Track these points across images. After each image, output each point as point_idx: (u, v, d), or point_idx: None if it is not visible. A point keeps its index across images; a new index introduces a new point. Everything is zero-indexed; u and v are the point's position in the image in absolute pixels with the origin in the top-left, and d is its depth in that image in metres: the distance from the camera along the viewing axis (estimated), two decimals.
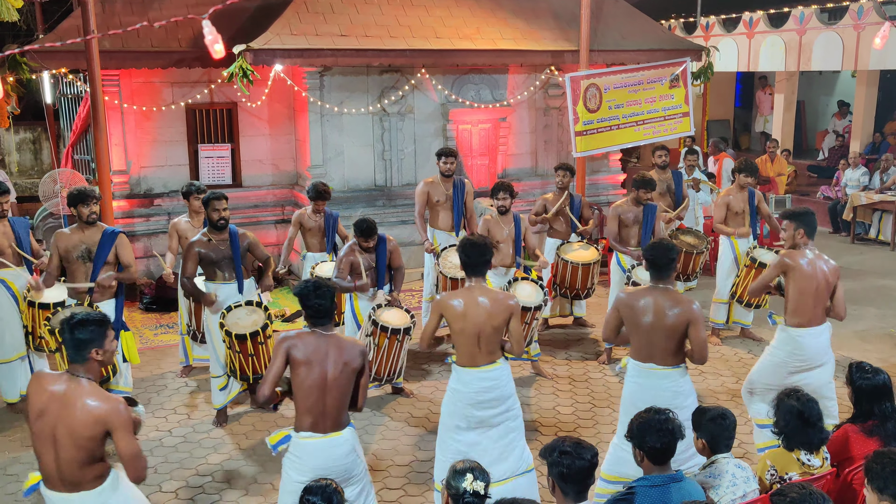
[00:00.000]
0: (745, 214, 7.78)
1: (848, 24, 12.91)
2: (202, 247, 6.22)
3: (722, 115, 18.11)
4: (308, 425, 3.97)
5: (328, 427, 3.98)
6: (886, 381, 4.16)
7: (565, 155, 11.26)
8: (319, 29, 9.49)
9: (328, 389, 3.95)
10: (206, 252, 6.20)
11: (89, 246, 5.94)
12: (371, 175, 10.45)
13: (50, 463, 3.48)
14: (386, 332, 6.03)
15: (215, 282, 6.31)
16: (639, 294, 4.69)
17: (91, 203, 5.96)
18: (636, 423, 3.61)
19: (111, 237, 6.01)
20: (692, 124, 10.54)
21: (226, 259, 6.28)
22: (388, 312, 6.31)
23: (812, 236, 5.35)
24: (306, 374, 3.93)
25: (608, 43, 10.84)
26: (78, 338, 3.47)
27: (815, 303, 5.25)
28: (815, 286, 5.23)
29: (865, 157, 13.81)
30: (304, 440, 3.97)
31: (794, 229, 5.34)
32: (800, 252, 5.30)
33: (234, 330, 5.85)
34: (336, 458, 3.99)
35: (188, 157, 10.22)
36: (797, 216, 5.39)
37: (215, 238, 6.29)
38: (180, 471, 5.67)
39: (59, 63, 9.01)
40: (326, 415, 3.97)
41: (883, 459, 3.18)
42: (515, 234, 7.17)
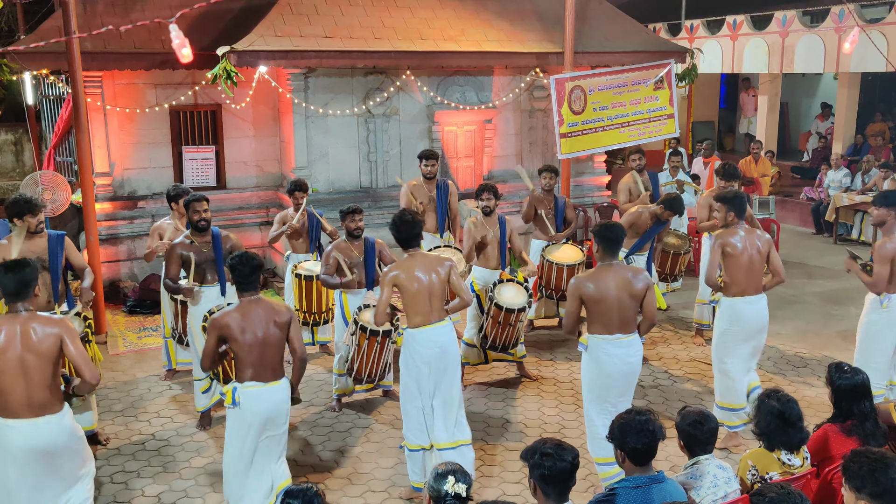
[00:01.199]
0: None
1: (829, 27, 13.02)
2: (185, 249, 6.18)
3: (707, 116, 18.22)
4: (250, 376, 4.61)
5: (269, 377, 4.64)
6: (865, 381, 4.20)
7: (550, 157, 11.29)
8: (304, 30, 9.47)
9: (265, 345, 4.60)
10: (188, 254, 6.15)
11: (39, 255, 5.65)
12: (356, 177, 10.43)
13: (20, 393, 4.09)
14: (366, 333, 5.96)
15: (198, 284, 6.27)
16: (596, 274, 5.02)
17: (39, 213, 5.76)
18: (617, 425, 3.63)
19: (59, 241, 5.83)
20: (677, 126, 10.58)
21: (209, 261, 6.23)
22: (371, 313, 6.21)
23: (741, 217, 5.89)
24: (244, 336, 4.56)
25: (593, 45, 10.88)
26: (24, 279, 4.22)
27: (749, 274, 5.81)
28: (747, 259, 5.78)
29: (847, 158, 13.92)
30: (249, 388, 4.61)
31: (726, 211, 5.91)
32: (731, 231, 5.85)
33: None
34: (277, 403, 4.67)
35: (172, 159, 10.17)
36: (728, 200, 5.94)
37: (198, 240, 6.25)
38: (163, 474, 5.64)
39: (41, 64, 8.95)
40: (266, 366, 4.62)
41: (860, 459, 3.20)
42: (501, 235, 7.17)
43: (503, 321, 6.58)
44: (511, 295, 6.72)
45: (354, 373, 6.13)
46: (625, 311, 4.99)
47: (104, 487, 5.46)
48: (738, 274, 5.78)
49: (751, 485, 3.88)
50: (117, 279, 9.70)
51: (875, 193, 11.99)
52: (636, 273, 5.07)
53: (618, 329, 4.99)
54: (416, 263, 5.13)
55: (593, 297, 4.96)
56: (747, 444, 5.79)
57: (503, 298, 6.62)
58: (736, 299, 5.82)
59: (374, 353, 6.05)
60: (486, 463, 5.77)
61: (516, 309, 6.54)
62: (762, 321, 5.90)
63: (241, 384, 4.63)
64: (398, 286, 5.09)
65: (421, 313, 5.09)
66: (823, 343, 8.10)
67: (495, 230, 7.14)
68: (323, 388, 7.08)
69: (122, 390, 7.04)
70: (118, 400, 6.84)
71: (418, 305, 5.08)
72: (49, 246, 5.78)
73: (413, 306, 5.11)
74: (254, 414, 4.61)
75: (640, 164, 8.55)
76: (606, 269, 5.01)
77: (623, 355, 5.02)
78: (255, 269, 4.68)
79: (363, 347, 6.01)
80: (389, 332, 6.06)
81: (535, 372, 7.39)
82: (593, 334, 5.06)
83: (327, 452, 5.96)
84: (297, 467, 5.71)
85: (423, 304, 5.08)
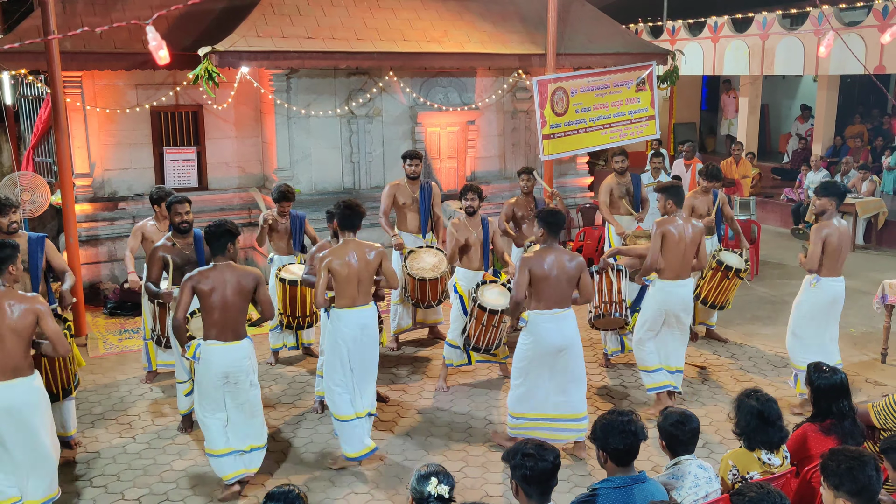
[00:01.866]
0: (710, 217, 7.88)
1: (809, 30, 13.14)
2: (167, 251, 6.14)
3: (688, 118, 18.34)
4: (214, 335, 5.15)
5: (229, 337, 5.17)
6: (843, 381, 4.24)
7: (533, 158, 11.32)
8: (286, 31, 9.44)
9: (227, 308, 5.11)
10: (170, 257, 6.10)
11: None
12: (339, 177, 10.41)
13: None
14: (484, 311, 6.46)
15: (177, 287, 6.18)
16: (542, 254, 5.60)
17: (10, 212, 5.70)
18: (599, 425, 3.64)
19: (38, 243, 5.80)
20: (658, 127, 10.65)
21: (191, 264, 6.15)
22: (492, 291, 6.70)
23: (680, 206, 6.38)
24: (212, 297, 5.08)
25: (575, 46, 10.92)
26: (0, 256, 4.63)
27: (683, 260, 6.33)
28: (682, 247, 6.29)
29: (827, 160, 14.06)
30: (211, 346, 5.16)
31: (665, 200, 6.36)
32: (670, 219, 6.33)
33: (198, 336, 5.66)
34: (236, 360, 5.20)
35: (153, 160, 10.10)
36: (667, 189, 6.41)
37: (180, 242, 6.21)
38: (144, 477, 5.60)
39: (19, 64, 8.85)
40: (227, 327, 5.14)
41: (838, 457, 3.24)
42: (484, 237, 7.18)
43: (486, 322, 6.59)
44: (494, 296, 6.72)
45: (473, 343, 6.60)
46: (561, 289, 5.61)
47: (84, 491, 5.41)
48: (675, 259, 6.30)
49: (731, 484, 3.91)
50: (98, 281, 9.62)
51: (853, 195, 12.18)
52: (572, 257, 5.66)
53: (555, 304, 5.60)
54: (348, 250, 5.55)
55: (538, 275, 5.55)
56: (728, 444, 5.83)
57: (486, 300, 6.63)
58: (670, 283, 6.34)
59: (491, 327, 6.51)
60: (469, 464, 5.77)
61: (500, 310, 6.54)
62: (688, 303, 6.49)
63: (204, 342, 5.18)
64: (331, 270, 5.48)
65: (348, 297, 5.54)
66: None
67: (478, 231, 7.15)
68: (306, 389, 7.05)
69: (102, 393, 6.98)
70: (98, 403, 6.78)
71: (347, 289, 5.52)
72: (29, 247, 5.72)
73: (342, 289, 5.53)
74: (215, 368, 5.17)
75: (622, 167, 8.56)
76: (549, 251, 5.61)
77: (558, 328, 5.63)
78: (223, 233, 5.17)
79: (482, 322, 6.47)
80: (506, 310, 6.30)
81: None
82: (534, 310, 5.64)
83: (310, 454, 5.94)
84: (279, 469, 5.70)
85: (351, 287, 5.53)
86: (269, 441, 6.05)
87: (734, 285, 7.59)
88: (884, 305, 7.53)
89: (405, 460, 5.83)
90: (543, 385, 5.71)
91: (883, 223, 12.27)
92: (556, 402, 5.74)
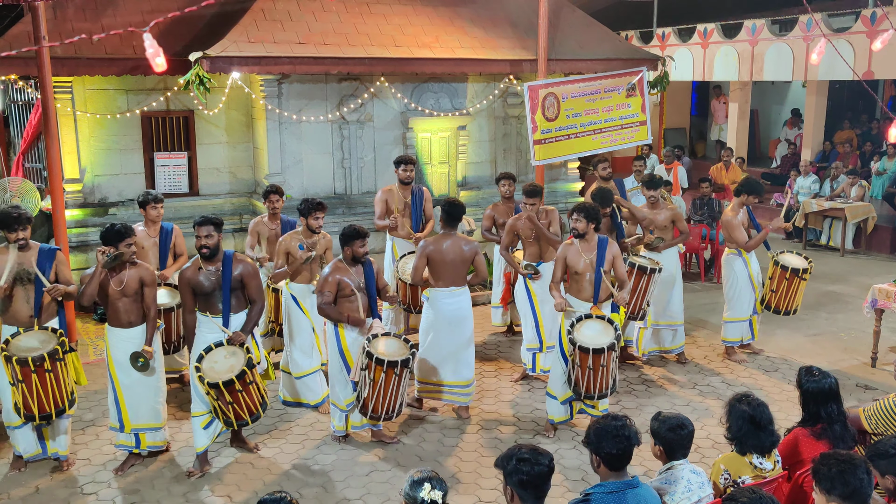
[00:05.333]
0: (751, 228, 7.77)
1: (798, 36, 13.24)
2: (193, 276, 5.72)
3: (678, 123, 18.42)
4: (116, 323, 5.64)
5: (124, 325, 5.64)
6: (832, 385, 4.25)
7: (524, 163, 11.35)
8: (277, 36, 9.43)
9: (122, 298, 5.55)
10: (197, 281, 5.71)
11: (26, 266, 5.52)
12: (330, 183, 10.41)
13: None
14: (382, 366, 5.56)
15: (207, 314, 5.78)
16: (439, 240, 6.38)
17: (18, 229, 5.46)
18: (593, 430, 3.64)
19: (49, 255, 5.63)
20: (650, 132, 10.69)
21: (218, 290, 5.71)
22: (384, 343, 5.79)
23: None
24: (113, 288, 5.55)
25: (566, 52, 10.96)
26: None
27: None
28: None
29: (816, 165, 14.14)
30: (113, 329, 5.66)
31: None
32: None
33: (207, 377, 5.36)
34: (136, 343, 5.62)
35: (144, 166, 10.07)
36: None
37: (205, 266, 5.74)
38: (134, 484, 5.56)
39: (9, 69, 8.81)
40: (122, 317, 5.61)
41: (829, 461, 3.25)
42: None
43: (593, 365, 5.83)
44: (594, 332, 5.93)
45: (371, 411, 5.72)
46: (457, 270, 6.40)
47: (74, 499, 5.37)
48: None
49: (723, 489, 3.92)
50: None
51: (842, 200, 12.26)
52: (468, 242, 6.42)
53: (451, 283, 6.39)
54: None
55: (435, 258, 6.34)
56: (720, 449, 5.84)
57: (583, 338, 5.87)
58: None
59: (391, 387, 5.65)
60: (462, 470, 5.77)
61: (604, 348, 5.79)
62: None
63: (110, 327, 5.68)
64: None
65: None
66: (794, 348, 8.21)
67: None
68: None
69: (92, 399, 6.94)
70: (89, 409, 6.74)
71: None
72: (39, 258, 5.57)
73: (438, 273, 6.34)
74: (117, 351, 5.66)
75: (608, 173, 8.66)
76: (447, 237, 6.39)
77: (455, 303, 6.43)
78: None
79: (379, 381, 5.60)
80: (408, 362, 5.68)
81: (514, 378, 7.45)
82: (434, 288, 6.44)
83: (301, 462, 5.92)
84: (270, 477, 5.67)
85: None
86: (259, 448, 6.05)
87: (800, 288, 7.55)
88: (873, 310, 7.57)
89: (397, 466, 5.82)
90: (442, 352, 6.46)
91: (872, 228, 12.35)
92: (452, 370, 6.49)
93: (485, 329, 8.76)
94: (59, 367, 5.39)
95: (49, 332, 5.51)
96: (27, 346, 5.35)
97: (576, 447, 6.05)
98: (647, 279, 7.08)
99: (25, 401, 5.33)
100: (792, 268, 7.46)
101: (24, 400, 5.32)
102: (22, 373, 5.26)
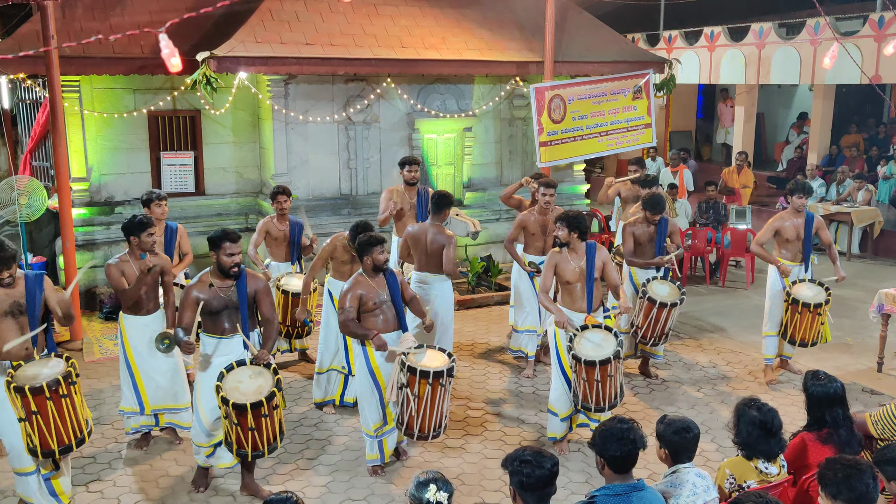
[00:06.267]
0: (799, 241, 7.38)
1: (805, 40, 13.20)
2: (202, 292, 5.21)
3: (684, 126, 18.39)
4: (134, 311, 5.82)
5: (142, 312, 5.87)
6: (838, 390, 4.24)
7: (530, 165, 11.34)
8: (284, 37, 9.45)
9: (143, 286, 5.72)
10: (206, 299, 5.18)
11: (17, 299, 4.94)
12: (336, 183, 10.42)
13: None
14: (427, 378, 5.14)
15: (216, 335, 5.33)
16: (421, 228, 6.79)
17: (13, 265, 4.90)
18: (598, 432, 3.64)
19: (37, 281, 5.05)
20: (654, 135, 10.69)
21: (230, 309, 5.26)
22: (421, 355, 5.34)
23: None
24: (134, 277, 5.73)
25: (572, 54, 10.96)
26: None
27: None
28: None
29: (822, 169, 14.10)
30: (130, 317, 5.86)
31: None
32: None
33: (232, 398, 4.83)
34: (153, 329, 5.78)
35: (150, 165, 10.09)
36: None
37: (219, 283, 5.23)
38: (140, 483, 5.58)
39: (17, 68, 8.84)
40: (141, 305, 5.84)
41: (835, 466, 3.25)
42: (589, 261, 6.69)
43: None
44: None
45: (418, 430, 5.27)
46: (428, 256, 6.73)
47: (79, 496, 5.39)
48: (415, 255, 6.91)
49: (728, 493, 3.91)
50: (93, 285, 9.59)
51: (849, 204, 12.23)
52: (441, 233, 6.67)
53: (423, 268, 6.78)
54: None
55: (410, 243, 6.82)
56: (725, 453, 5.83)
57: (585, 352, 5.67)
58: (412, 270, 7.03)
59: (437, 400, 5.21)
60: (465, 471, 5.77)
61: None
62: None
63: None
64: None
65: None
66: (800, 352, 8.17)
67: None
68: (302, 395, 7.04)
69: (97, 398, 6.96)
70: (94, 408, 6.75)
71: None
72: (27, 287, 5.00)
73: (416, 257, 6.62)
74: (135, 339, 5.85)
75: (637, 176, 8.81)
76: (428, 225, 6.75)
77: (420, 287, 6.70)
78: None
79: (425, 396, 5.15)
80: (452, 370, 5.26)
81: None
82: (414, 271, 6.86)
83: (305, 461, 5.92)
84: (275, 476, 5.68)
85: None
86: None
87: (817, 320, 7.00)
88: (880, 315, 7.55)
89: (402, 466, 5.82)
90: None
91: (879, 232, 12.32)
92: None
93: (489, 331, 8.76)
94: (73, 390, 4.85)
95: (53, 357, 5.01)
96: (35, 374, 4.78)
97: (580, 449, 6.04)
98: (667, 312, 6.89)
99: (42, 435, 4.75)
100: (803, 302, 6.93)
101: (40, 435, 4.74)
102: (36, 402, 4.67)
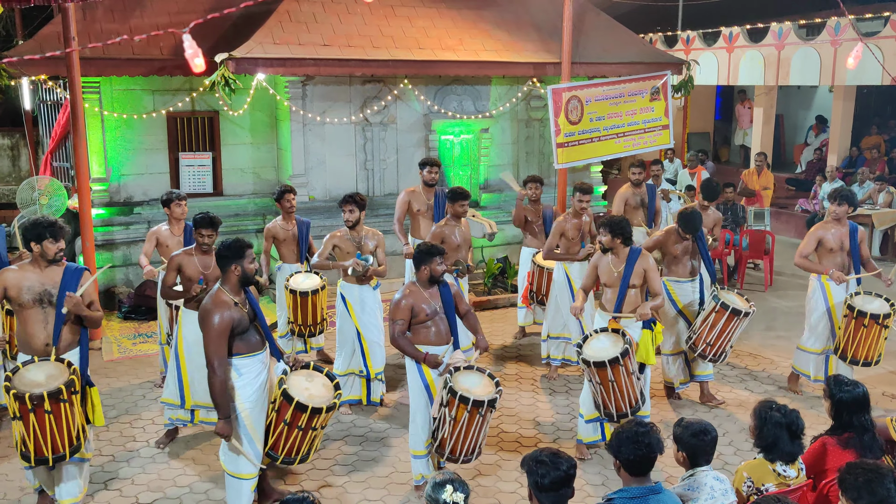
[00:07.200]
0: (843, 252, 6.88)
1: (825, 40, 13.10)
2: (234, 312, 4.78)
3: (702, 127, 18.29)
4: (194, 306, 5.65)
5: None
6: (865, 394, 4.21)
7: (547, 166, 11.32)
8: (302, 38, 9.49)
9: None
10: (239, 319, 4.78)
11: (49, 287, 4.85)
12: (353, 184, 10.44)
13: None
14: (466, 404, 4.92)
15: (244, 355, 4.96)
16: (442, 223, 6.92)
17: (61, 239, 4.86)
18: (615, 434, 3.62)
19: (76, 274, 4.94)
20: (672, 137, 10.64)
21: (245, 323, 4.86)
22: (468, 378, 5.13)
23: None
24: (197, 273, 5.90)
25: (590, 55, 10.92)
26: None
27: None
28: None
29: (842, 170, 13.99)
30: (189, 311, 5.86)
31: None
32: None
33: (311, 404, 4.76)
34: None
35: (169, 165, 10.16)
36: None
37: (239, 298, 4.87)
38: (158, 481, 5.62)
39: (39, 69, 8.92)
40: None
41: (856, 471, 3.22)
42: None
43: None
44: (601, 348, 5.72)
45: (448, 451, 5.08)
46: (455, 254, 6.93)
47: (98, 495, 5.43)
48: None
49: (746, 497, 3.88)
50: (112, 285, 9.68)
51: (869, 206, 12.11)
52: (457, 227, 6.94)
53: None
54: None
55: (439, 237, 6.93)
56: (742, 456, 5.79)
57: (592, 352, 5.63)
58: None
59: (474, 428, 5.01)
60: (481, 473, 5.76)
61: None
62: None
63: None
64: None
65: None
66: None
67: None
68: None
69: (116, 396, 7.01)
70: (112, 406, 6.81)
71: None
72: (63, 279, 4.88)
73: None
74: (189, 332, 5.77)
75: (638, 178, 8.66)
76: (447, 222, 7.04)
77: None
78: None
79: (462, 421, 4.95)
80: (495, 402, 5.03)
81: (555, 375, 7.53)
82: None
83: (322, 461, 5.94)
84: (292, 476, 5.70)
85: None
86: None
87: (881, 335, 6.50)
88: None
89: None
90: None
91: None
92: None
93: (505, 332, 8.75)
94: (61, 408, 4.62)
95: (62, 367, 4.78)
96: (31, 381, 4.64)
97: (597, 452, 6.02)
98: (737, 322, 6.48)
99: (37, 442, 4.64)
100: (871, 314, 6.38)
101: (22, 439, 4.66)
102: (20, 410, 4.58)
